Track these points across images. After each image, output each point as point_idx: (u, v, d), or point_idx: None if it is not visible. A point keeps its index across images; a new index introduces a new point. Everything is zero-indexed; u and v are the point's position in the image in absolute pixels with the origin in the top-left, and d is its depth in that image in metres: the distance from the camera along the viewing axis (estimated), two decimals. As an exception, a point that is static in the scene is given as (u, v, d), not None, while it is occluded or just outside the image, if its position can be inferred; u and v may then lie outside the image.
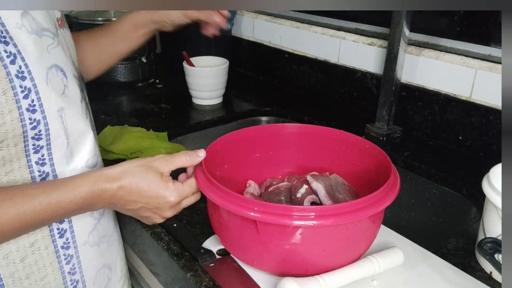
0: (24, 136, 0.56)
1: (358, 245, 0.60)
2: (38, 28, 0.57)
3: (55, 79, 0.59)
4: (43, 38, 0.58)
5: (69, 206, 0.56)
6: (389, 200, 0.57)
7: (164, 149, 0.96)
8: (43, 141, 0.58)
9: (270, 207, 0.54)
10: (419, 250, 0.68)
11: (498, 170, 0.65)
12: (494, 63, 0.92)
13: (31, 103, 0.55)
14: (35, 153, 0.59)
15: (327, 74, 1.26)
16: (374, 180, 0.67)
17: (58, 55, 0.60)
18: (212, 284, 0.61)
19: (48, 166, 0.61)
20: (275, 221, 0.53)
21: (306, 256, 0.58)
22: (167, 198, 0.59)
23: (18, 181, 0.59)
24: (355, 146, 0.73)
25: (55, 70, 0.59)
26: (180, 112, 1.23)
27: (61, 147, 0.61)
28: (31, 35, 0.55)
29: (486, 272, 0.64)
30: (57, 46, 0.61)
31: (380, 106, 1.06)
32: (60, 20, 0.65)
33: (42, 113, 0.57)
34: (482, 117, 0.94)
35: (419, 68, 1.04)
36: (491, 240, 0.61)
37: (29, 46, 0.55)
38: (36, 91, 0.55)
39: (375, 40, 1.13)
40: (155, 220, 0.63)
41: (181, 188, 0.60)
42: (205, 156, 0.63)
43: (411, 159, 0.96)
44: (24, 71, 0.54)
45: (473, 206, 0.84)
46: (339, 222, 0.54)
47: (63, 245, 0.65)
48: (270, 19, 1.40)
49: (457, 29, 1.02)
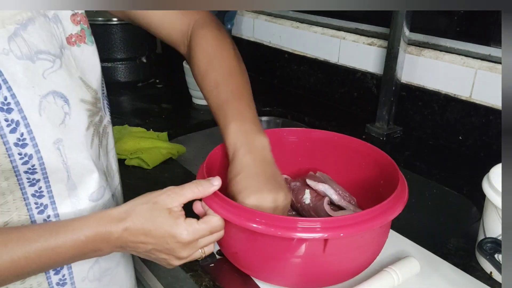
0: (15, 171, 0.51)
1: (371, 253, 0.60)
2: (32, 52, 0.50)
3: (52, 108, 0.53)
4: (38, 62, 0.51)
5: (69, 251, 0.51)
6: (402, 204, 0.57)
7: (165, 149, 0.96)
8: (39, 175, 0.53)
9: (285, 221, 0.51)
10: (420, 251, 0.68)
11: (498, 170, 0.65)
12: (494, 63, 0.92)
13: (19, 137, 0.50)
14: (30, 186, 0.53)
15: (327, 74, 1.26)
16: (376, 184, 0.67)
17: (58, 79, 0.54)
18: (212, 284, 0.61)
19: (47, 198, 0.55)
20: (310, 236, 0.51)
21: (319, 269, 0.57)
22: (177, 237, 0.53)
23: (13, 213, 0.53)
24: (357, 150, 0.72)
25: (53, 97, 0.53)
26: (180, 112, 1.24)
27: (61, 180, 0.55)
28: (21, 61, 0.49)
29: (486, 272, 0.64)
30: (59, 69, 0.54)
31: (380, 106, 1.06)
32: (76, 36, 0.58)
33: (34, 147, 0.51)
34: (482, 117, 0.94)
35: (419, 68, 1.04)
36: (491, 240, 0.61)
37: (18, 74, 0.49)
38: (26, 124, 0.50)
39: (375, 40, 1.13)
40: (172, 263, 0.56)
41: (195, 226, 0.53)
42: (220, 185, 0.56)
43: (411, 159, 0.96)
44: (10, 102, 0.49)
45: (473, 206, 0.84)
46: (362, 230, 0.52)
47: (59, 282, 0.59)
48: (270, 19, 1.40)
49: (457, 29, 1.02)
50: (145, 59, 1.40)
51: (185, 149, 1.01)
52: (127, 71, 1.38)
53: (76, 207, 0.57)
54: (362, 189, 0.72)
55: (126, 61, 1.37)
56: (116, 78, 1.37)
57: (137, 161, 0.93)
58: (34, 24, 0.51)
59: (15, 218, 0.53)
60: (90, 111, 0.59)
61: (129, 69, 1.38)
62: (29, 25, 0.50)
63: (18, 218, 0.54)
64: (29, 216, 0.54)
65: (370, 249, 0.59)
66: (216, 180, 0.56)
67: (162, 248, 0.53)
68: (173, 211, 0.53)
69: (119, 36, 1.32)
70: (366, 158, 0.71)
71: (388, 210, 0.55)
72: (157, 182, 0.88)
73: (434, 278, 0.62)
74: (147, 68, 1.42)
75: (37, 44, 0.51)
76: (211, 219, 0.55)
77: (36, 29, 0.51)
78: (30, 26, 0.50)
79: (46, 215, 0.55)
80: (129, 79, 1.39)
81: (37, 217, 0.55)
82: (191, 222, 0.53)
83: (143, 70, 1.41)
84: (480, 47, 0.97)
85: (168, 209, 0.53)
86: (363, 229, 0.52)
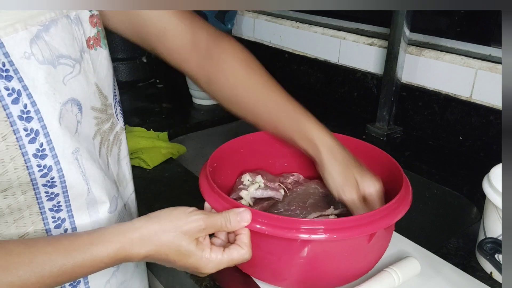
0: (33, 184, 0.48)
1: (375, 255, 0.60)
2: (53, 56, 0.47)
3: (69, 116, 0.50)
4: (59, 67, 0.48)
5: (87, 272, 0.47)
6: (406, 206, 0.56)
7: (165, 149, 0.96)
8: (58, 189, 0.50)
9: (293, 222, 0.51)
10: (420, 251, 0.68)
11: (498, 170, 0.65)
12: (495, 63, 0.92)
13: (39, 147, 0.47)
14: (49, 200, 0.50)
15: (327, 74, 1.26)
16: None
17: (77, 86, 0.51)
18: (212, 284, 0.61)
19: (65, 212, 0.52)
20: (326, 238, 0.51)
21: (321, 270, 0.57)
22: (200, 269, 0.50)
23: (28, 228, 0.51)
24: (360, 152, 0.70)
25: (71, 105, 0.50)
26: (181, 112, 1.24)
27: (81, 194, 0.53)
28: (43, 66, 0.46)
29: (487, 272, 0.64)
30: (78, 75, 0.51)
31: (381, 106, 1.06)
32: (94, 38, 0.55)
33: (54, 158, 0.48)
34: (483, 117, 0.94)
35: (420, 68, 1.04)
36: (491, 240, 0.61)
37: (39, 80, 0.46)
38: (46, 133, 0.47)
39: (375, 40, 1.13)
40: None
41: (219, 258, 0.50)
42: (250, 221, 0.52)
43: (412, 159, 0.96)
44: (30, 110, 0.46)
45: (474, 206, 0.84)
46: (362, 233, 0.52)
47: None
48: (270, 19, 1.40)
49: (458, 29, 1.02)
50: (145, 59, 1.40)
51: (185, 149, 1.01)
52: (127, 71, 1.38)
53: (94, 219, 0.55)
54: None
55: (126, 61, 1.37)
56: (116, 78, 1.36)
57: (137, 161, 0.93)
58: (57, 25, 0.48)
59: (30, 232, 0.51)
60: (98, 119, 0.56)
61: (129, 69, 1.38)
62: (52, 26, 0.47)
63: (34, 232, 0.51)
64: (45, 230, 0.52)
65: (374, 251, 0.59)
66: (248, 214, 0.52)
67: (182, 269, 0.52)
68: (199, 242, 0.50)
69: (120, 36, 1.31)
70: (369, 160, 0.70)
71: (393, 211, 0.55)
72: (157, 182, 0.88)
73: (434, 278, 0.62)
74: (147, 68, 1.42)
75: (58, 48, 0.48)
76: (238, 254, 0.51)
77: (59, 31, 0.48)
78: (53, 28, 0.48)
79: (63, 229, 0.53)
80: (129, 79, 1.39)
81: (54, 231, 0.52)
82: (217, 255, 0.50)
83: (143, 70, 1.41)
84: (481, 47, 0.97)
85: (195, 240, 0.50)
86: (368, 231, 0.52)
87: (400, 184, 0.59)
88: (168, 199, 0.83)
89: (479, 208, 0.80)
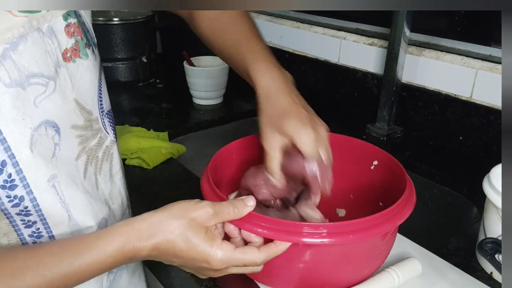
0: (6, 214, 0.46)
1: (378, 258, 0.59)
2: (22, 76, 0.43)
3: (43, 140, 0.46)
4: (30, 88, 0.44)
5: (94, 272, 0.46)
6: (410, 208, 0.56)
7: (165, 149, 0.96)
8: (34, 217, 0.48)
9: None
10: (420, 251, 0.68)
11: (498, 170, 0.65)
12: (495, 63, 0.92)
13: (7, 178, 0.44)
14: (26, 227, 0.48)
15: (328, 74, 1.26)
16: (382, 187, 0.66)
17: (52, 106, 0.47)
18: (212, 284, 0.61)
19: (46, 238, 0.50)
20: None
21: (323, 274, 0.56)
22: (210, 262, 0.47)
23: None
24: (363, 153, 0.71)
25: (45, 128, 0.46)
26: (181, 112, 1.24)
27: (62, 222, 0.50)
28: (10, 89, 0.42)
29: (487, 272, 0.64)
30: (52, 93, 0.47)
31: (381, 106, 1.06)
32: (71, 50, 0.50)
33: (25, 188, 0.45)
34: (483, 117, 0.94)
35: (420, 68, 1.04)
36: (491, 240, 0.61)
37: (5, 105, 0.42)
38: (15, 163, 0.44)
39: (375, 40, 1.13)
40: (199, 276, 0.53)
41: (231, 253, 0.48)
42: (255, 205, 0.51)
43: (412, 159, 0.96)
44: None
45: (474, 206, 0.84)
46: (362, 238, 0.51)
47: None
48: (271, 19, 1.40)
49: (458, 29, 1.02)
50: (145, 59, 1.40)
51: (185, 149, 1.01)
52: (128, 71, 1.38)
53: None
54: (367, 191, 0.72)
55: (126, 61, 1.37)
56: (116, 78, 1.37)
57: (137, 161, 0.93)
58: (26, 41, 0.44)
59: None
60: (81, 137, 0.53)
61: (129, 69, 1.38)
62: (21, 43, 0.43)
63: None
64: None
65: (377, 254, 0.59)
66: (251, 200, 0.50)
67: (190, 266, 0.50)
68: (209, 231, 0.48)
69: (120, 36, 1.32)
70: (372, 161, 0.70)
71: (397, 214, 0.54)
72: (157, 182, 0.88)
73: (434, 278, 0.62)
74: (147, 68, 1.42)
75: (28, 66, 0.44)
76: (251, 253, 0.49)
77: (29, 47, 0.44)
78: (22, 44, 0.44)
79: None
80: (129, 79, 1.39)
81: None
82: (228, 248, 0.48)
83: (143, 70, 1.41)
84: (481, 47, 0.97)
85: (205, 228, 0.48)
86: (371, 234, 0.51)
87: (403, 185, 0.59)
88: (168, 199, 0.81)
89: (479, 208, 0.80)
